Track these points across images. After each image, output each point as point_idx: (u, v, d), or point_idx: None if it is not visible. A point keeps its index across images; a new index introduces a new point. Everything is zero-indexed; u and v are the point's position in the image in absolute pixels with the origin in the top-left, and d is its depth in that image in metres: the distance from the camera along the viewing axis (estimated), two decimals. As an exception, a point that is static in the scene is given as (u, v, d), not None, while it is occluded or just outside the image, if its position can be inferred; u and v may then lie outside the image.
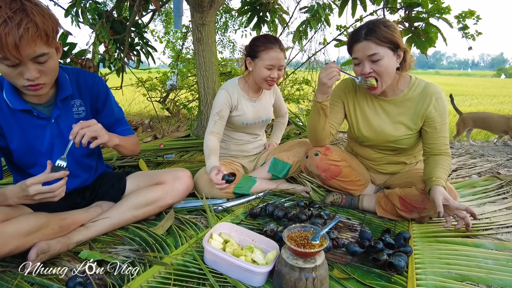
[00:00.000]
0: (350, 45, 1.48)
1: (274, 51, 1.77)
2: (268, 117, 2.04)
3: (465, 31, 2.69)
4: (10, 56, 0.99)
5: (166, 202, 1.52)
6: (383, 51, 1.40)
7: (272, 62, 1.77)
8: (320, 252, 1.05)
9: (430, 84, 1.54)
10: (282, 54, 1.80)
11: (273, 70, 1.80)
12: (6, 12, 0.96)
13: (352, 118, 1.69)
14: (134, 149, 1.51)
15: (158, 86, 4.41)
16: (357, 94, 1.66)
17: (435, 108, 1.51)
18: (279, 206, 1.60)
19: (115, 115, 1.48)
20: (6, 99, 1.18)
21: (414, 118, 1.55)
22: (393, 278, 1.16)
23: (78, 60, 2.89)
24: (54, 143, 1.30)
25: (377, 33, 1.38)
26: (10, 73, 1.05)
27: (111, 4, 3.80)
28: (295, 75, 4.20)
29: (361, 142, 1.73)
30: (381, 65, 1.42)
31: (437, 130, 1.53)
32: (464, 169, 2.53)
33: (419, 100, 1.53)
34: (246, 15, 3.41)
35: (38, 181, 1.07)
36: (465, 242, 1.41)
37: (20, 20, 0.97)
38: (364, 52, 1.41)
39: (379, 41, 1.39)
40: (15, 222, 1.13)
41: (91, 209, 1.44)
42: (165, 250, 1.30)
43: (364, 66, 1.44)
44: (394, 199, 1.60)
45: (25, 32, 0.98)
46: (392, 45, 1.41)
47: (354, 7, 2.95)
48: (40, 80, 1.09)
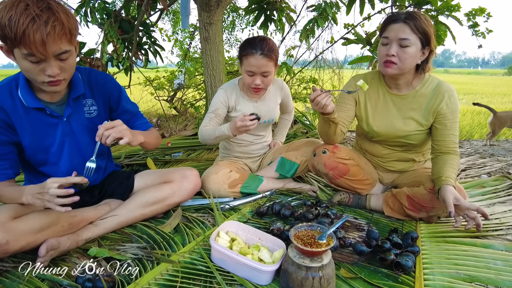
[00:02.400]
0: (385, 24, 1.49)
1: (253, 57, 1.66)
2: (271, 118, 1.98)
3: (475, 29, 2.64)
4: (36, 53, 1.03)
5: (174, 200, 1.54)
6: (414, 39, 1.42)
7: (251, 69, 1.69)
8: (327, 251, 1.05)
9: (443, 82, 1.55)
10: (264, 60, 1.66)
11: (255, 76, 1.71)
12: (34, 10, 1.00)
13: (362, 112, 1.69)
14: (157, 142, 1.53)
15: (166, 85, 4.43)
16: (370, 90, 1.66)
17: (447, 105, 1.52)
18: (286, 205, 1.60)
19: (130, 110, 1.50)
20: (21, 97, 1.21)
21: (426, 114, 1.56)
22: (400, 278, 1.16)
23: (87, 60, 2.91)
24: (65, 141, 1.32)
25: (416, 21, 1.41)
26: (32, 69, 1.08)
27: (119, 3, 3.83)
28: (302, 74, 4.18)
29: (371, 138, 1.72)
30: (407, 52, 1.43)
31: (447, 128, 1.53)
32: (473, 169, 2.50)
33: (432, 97, 1.54)
34: (253, 13, 3.41)
35: (59, 181, 1.10)
36: (474, 242, 1.40)
37: (47, 18, 1.02)
38: (396, 34, 1.43)
39: (415, 28, 1.41)
40: (26, 219, 1.15)
41: (99, 207, 1.46)
42: (173, 248, 1.31)
43: (391, 47, 1.44)
44: (402, 199, 1.59)
45: (52, 29, 1.02)
46: (424, 38, 1.43)
47: (362, 5, 2.92)
48: (60, 76, 1.12)
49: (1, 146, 1.22)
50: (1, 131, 1.20)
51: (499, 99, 8.73)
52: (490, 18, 2.62)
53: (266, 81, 1.74)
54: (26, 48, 1.01)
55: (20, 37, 0.99)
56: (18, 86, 1.21)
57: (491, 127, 3.24)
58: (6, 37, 1.01)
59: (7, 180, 1.24)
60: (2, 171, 1.23)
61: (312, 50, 3.83)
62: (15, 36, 0.99)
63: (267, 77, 1.73)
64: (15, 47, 1.03)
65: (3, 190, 1.22)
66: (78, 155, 1.37)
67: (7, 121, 1.20)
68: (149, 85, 4.27)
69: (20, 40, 1.00)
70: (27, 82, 1.21)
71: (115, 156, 2.47)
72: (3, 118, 1.19)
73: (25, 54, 1.03)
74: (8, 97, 1.20)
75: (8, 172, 1.24)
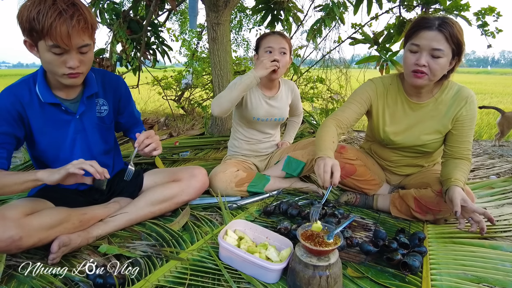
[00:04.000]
0: (416, 30, 1.37)
1: (271, 36, 1.82)
2: (282, 117, 2.03)
3: (485, 28, 2.62)
4: (61, 44, 1.10)
5: (182, 198, 1.56)
6: (447, 50, 1.33)
7: (269, 44, 1.81)
8: (334, 251, 1.06)
9: (463, 88, 1.50)
10: (280, 38, 1.82)
11: (273, 53, 1.80)
12: (61, 5, 1.08)
13: (379, 120, 1.62)
14: None
15: (173, 84, 4.46)
16: (387, 97, 1.60)
17: (466, 111, 1.47)
18: (293, 205, 1.61)
19: (135, 116, 1.56)
20: (38, 93, 1.26)
21: (445, 121, 1.51)
22: (407, 278, 1.16)
23: (96, 59, 2.95)
24: (76, 139, 1.36)
25: (452, 29, 1.31)
26: (54, 61, 1.14)
27: (128, 4, 3.87)
28: (309, 73, 4.18)
29: (385, 145, 1.69)
30: (439, 63, 1.35)
31: (464, 134, 1.49)
32: (482, 170, 2.47)
33: (452, 103, 1.49)
34: (260, 13, 3.42)
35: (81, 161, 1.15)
36: (482, 243, 1.39)
37: (73, 13, 1.10)
38: (430, 43, 1.32)
39: (450, 38, 1.31)
40: (39, 216, 1.18)
41: (109, 205, 1.48)
42: (181, 246, 1.33)
43: (422, 56, 1.35)
44: (409, 200, 1.59)
45: (76, 23, 1.10)
46: (457, 49, 1.35)
47: (369, 5, 2.91)
48: (79, 69, 1.19)
49: (5, 135, 1.22)
50: (12, 122, 1.23)
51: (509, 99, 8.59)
52: (500, 17, 2.59)
53: (283, 60, 1.81)
54: (52, 39, 1.09)
55: (47, 29, 1.07)
56: (36, 82, 1.27)
57: (499, 128, 3.20)
58: (34, 29, 1.08)
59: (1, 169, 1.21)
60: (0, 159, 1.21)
61: (319, 49, 3.83)
62: (42, 28, 1.07)
63: (284, 56, 1.82)
64: (41, 39, 1.10)
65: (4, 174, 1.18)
66: (88, 152, 1.40)
67: (22, 114, 1.25)
68: (157, 84, 4.31)
69: (47, 32, 1.07)
70: (45, 78, 1.27)
71: (124, 155, 2.50)
72: (18, 110, 1.24)
73: (50, 45, 1.10)
74: (26, 92, 1.25)
75: (2, 161, 1.22)
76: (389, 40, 2.83)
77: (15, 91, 1.24)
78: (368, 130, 1.82)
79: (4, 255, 1.17)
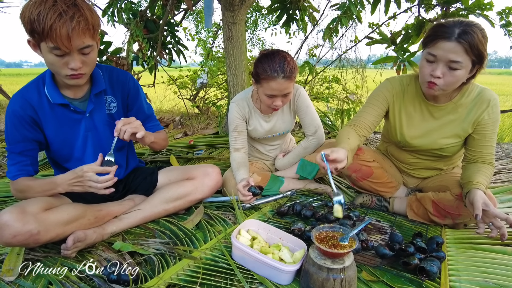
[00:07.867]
0: (433, 38, 1.28)
1: (275, 81, 1.59)
2: (286, 129, 1.95)
3: (508, 28, 2.53)
4: (61, 46, 1.08)
5: (196, 197, 1.56)
6: (466, 62, 1.24)
7: (272, 93, 1.63)
8: (349, 253, 1.03)
9: (485, 89, 1.42)
10: (286, 83, 1.60)
11: (275, 98, 1.66)
12: (61, 6, 1.06)
13: (396, 121, 1.57)
14: (164, 144, 1.57)
15: (189, 84, 4.50)
16: (404, 97, 1.54)
17: (488, 115, 1.40)
18: (307, 206, 1.59)
19: (145, 112, 1.53)
20: (47, 94, 1.27)
21: (465, 125, 1.44)
22: (424, 283, 1.13)
23: (113, 58, 2.99)
24: (87, 137, 1.37)
25: (473, 40, 1.21)
26: (56, 62, 1.13)
27: (145, 3, 3.92)
28: (324, 73, 4.14)
29: (401, 147, 1.64)
30: (455, 75, 1.27)
31: (486, 138, 1.42)
32: (504, 173, 2.39)
33: (473, 107, 1.42)
34: (275, 13, 3.40)
35: (93, 169, 1.18)
36: (505, 250, 1.34)
37: (73, 14, 1.07)
38: (447, 55, 1.24)
39: (469, 49, 1.22)
40: (56, 211, 1.20)
41: (124, 202, 1.50)
42: (194, 244, 1.33)
43: (438, 67, 1.28)
44: (426, 204, 1.54)
45: (77, 25, 1.08)
46: (477, 59, 1.26)
47: (387, 4, 2.86)
48: (81, 70, 1.18)
49: (25, 142, 1.27)
50: (27, 127, 1.26)
51: (532, 101, 8.31)
52: (524, 16, 2.50)
53: (286, 100, 1.71)
54: (52, 41, 1.07)
55: (47, 31, 1.05)
56: (45, 84, 1.27)
57: None
58: (34, 31, 1.07)
59: (26, 176, 1.29)
60: (23, 167, 1.28)
61: (335, 49, 3.79)
62: (42, 30, 1.05)
63: (287, 96, 1.69)
64: (42, 41, 1.09)
65: (31, 184, 1.26)
66: (100, 150, 1.41)
67: (34, 117, 1.26)
68: (172, 84, 4.35)
69: (47, 34, 1.06)
70: (53, 79, 1.27)
71: (139, 153, 2.53)
72: (30, 115, 1.25)
73: (51, 47, 1.09)
74: (36, 94, 1.27)
75: (28, 169, 1.29)
76: (407, 40, 2.76)
77: (24, 94, 1.26)
78: (384, 131, 1.78)
79: (23, 248, 1.20)
